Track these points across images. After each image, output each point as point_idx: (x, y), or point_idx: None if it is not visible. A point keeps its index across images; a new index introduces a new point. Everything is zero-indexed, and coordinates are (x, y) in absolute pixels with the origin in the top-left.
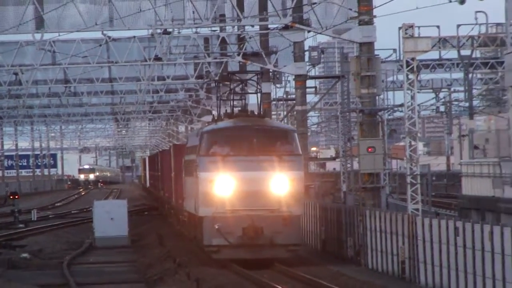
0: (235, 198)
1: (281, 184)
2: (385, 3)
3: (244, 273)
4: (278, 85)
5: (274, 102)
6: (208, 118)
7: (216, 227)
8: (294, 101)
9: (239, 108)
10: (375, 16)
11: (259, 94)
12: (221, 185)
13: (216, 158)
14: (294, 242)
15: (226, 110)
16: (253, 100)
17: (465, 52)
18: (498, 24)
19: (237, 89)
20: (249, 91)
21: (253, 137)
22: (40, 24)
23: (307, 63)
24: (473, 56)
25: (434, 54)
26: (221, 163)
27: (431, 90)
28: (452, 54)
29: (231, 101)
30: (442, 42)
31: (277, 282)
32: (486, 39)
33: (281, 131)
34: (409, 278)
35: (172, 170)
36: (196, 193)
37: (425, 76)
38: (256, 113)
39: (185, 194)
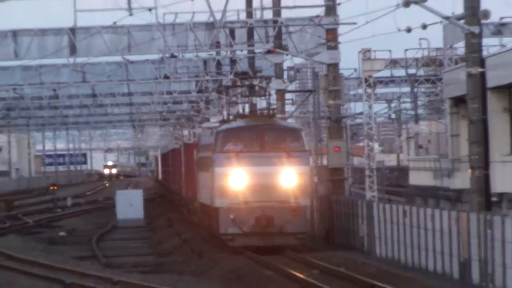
0: (248, 191)
1: (289, 178)
2: (347, 32)
3: (257, 258)
4: (262, 98)
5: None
6: (208, 123)
7: (231, 217)
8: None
9: (250, 109)
10: (339, 43)
11: (268, 96)
12: (235, 179)
13: (231, 154)
14: (301, 230)
15: (238, 111)
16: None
17: (412, 70)
18: (437, 49)
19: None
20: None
21: (263, 135)
22: (73, 50)
23: (286, 80)
24: (418, 74)
25: (387, 73)
26: (235, 159)
27: (385, 101)
28: (401, 72)
29: (242, 103)
30: (393, 63)
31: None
32: (428, 60)
33: (289, 130)
34: (367, 251)
35: (182, 165)
36: (211, 187)
37: (379, 90)
38: (265, 113)
39: (198, 187)
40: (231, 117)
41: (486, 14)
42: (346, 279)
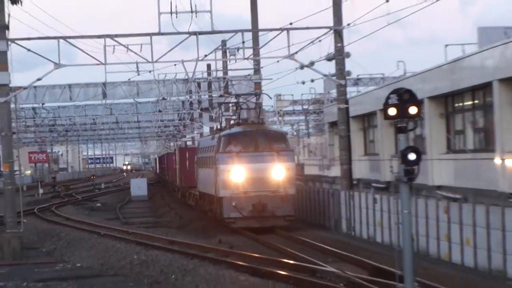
0: (246, 183)
1: (279, 172)
2: (266, 84)
3: (253, 236)
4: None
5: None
6: (185, 138)
7: (233, 204)
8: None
9: (241, 119)
10: (262, 91)
11: (257, 109)
12: (236, 174)
13: (232, 154)
14: (289, 214)
15: (235, 120)
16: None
17: (305, 107)
18: (320, 93)
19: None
20: (243, 107)
21: (257, 138)
22: (104, 95)
23: (233, 110)
24: (309, 108)
25: (291, 108)
26: (235, 157)
27: (290, 125)
28: (299, 108)
29: (238, 114)
30: (294, 102)
31: (274, 241)
32: (315, 100)
33: (277, 134)
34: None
35: (177, 163)
36: (215, 180)
37: (286, 118)
38: (256, 122)
39: (198, 179)
40: (223, 125)
41: (349, 73)
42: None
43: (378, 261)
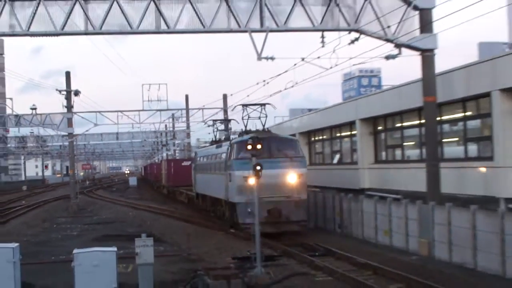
0: (261, 189)
1: (292, 178)
2: (193, 132)
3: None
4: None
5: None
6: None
7: (249, 210)
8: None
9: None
10: (230, 128)
11: (263, 118)
12: (250, 180)
13: (246, 160)
14: (302, 219)
15: (241, 130)
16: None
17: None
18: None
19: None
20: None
21: (270, 145)
22: (117, 138)
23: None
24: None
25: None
26: (249, 164)
27: None
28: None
29: (245, 124)
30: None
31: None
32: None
33: (289, 140)
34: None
35: (164, 169)
36: (226, 185)
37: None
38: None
39: (196, 183)
40: (218, 138)
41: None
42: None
43: None
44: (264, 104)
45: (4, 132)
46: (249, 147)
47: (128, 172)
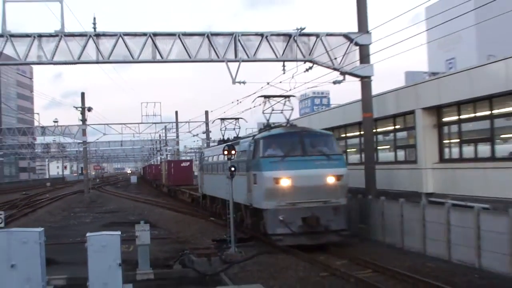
0: (294, 193)
1: (331, 179)
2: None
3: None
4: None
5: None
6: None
7: (281, 218)
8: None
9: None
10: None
11: (290, 111)
12: (284, 182)
13: (276, 159)
14: (343, 227)
15: (263, 125)
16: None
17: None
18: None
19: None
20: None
21: (303, 141)
22: (121, 144)
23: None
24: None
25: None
26: (281, 163)
27: None
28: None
29: (267, 118)
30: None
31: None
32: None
33: (324, 135)
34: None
35: (164, 169)
36: (249, 188)
37: None
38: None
39: (203, 184)
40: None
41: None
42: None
43: None
44: (288, 96)
45: (32, 140)
46: (275, 144)
47: (130, 172)
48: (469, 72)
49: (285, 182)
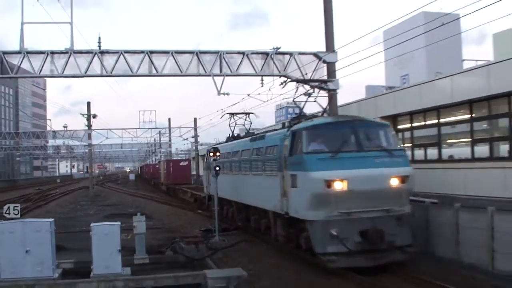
0: (350, 199)
1: (395, 181)
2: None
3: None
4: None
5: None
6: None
7: (333, 232)
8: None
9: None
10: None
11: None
12: (337, 185)
13: (326, 155)
14: (408, 243)
15: (297, 114)
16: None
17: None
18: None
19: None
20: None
21: (358, 132)
22: (121, 147)
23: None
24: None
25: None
26: (332, 161)
27: None
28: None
29: (301, 108)
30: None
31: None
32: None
33: (381, 125)
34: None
35: (162, 169)
36: (284, 192)
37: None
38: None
39: (210, 184)
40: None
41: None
42: None
43: None
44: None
45: (45, 143)
46: (322, 137)
47: (129, 170)
48: (420, 86)
49: (339, 186)
